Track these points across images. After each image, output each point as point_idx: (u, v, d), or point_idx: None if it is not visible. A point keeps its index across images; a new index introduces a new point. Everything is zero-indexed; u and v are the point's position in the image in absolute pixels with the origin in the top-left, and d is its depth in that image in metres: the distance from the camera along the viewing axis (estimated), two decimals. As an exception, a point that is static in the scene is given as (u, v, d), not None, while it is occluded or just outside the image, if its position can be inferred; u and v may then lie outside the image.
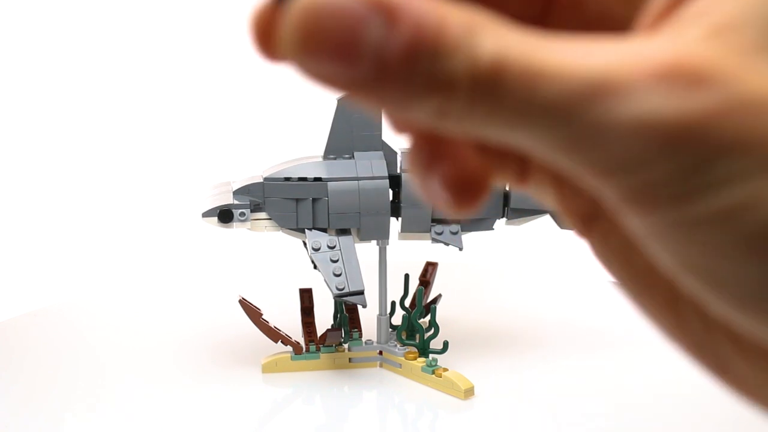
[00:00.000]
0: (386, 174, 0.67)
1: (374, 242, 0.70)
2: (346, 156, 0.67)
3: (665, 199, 0.13)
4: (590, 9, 0.18)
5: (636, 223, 0.14)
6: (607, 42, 0.14)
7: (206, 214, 0.67)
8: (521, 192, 0.26)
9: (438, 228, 0.68)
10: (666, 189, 0.13)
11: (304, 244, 0.68)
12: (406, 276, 0.77)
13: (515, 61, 0.13)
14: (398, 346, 0.71)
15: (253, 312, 0.71)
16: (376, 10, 0.13)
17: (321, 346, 0.71)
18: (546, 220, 0.69)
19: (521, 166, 0.18)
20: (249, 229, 0.67)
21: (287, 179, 0.66)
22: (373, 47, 0.13)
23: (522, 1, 0.18)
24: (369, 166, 0.66)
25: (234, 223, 0.66)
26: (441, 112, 0.14)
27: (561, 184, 0.18)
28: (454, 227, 0.68)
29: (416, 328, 0.71)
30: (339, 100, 0.65)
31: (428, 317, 0.73)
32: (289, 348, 0.71)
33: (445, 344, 0.70)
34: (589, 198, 0.17)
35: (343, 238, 0.66)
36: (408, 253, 0.78)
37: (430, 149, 0.17)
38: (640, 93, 0.13)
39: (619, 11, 0.17)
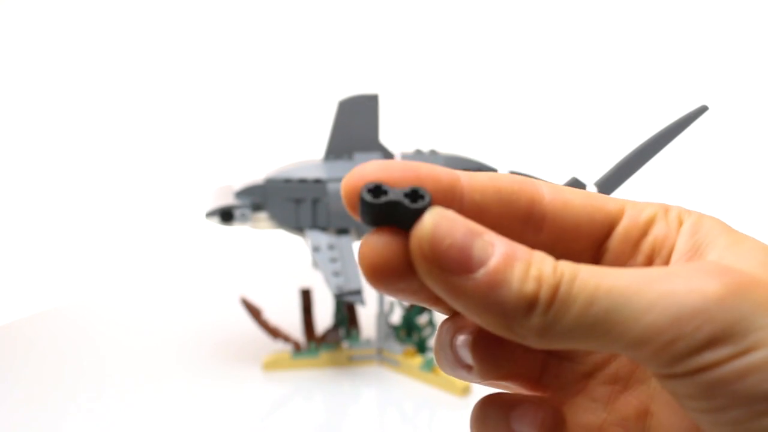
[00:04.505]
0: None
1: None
2: (346, 157, 0.68)
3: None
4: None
5: (672, 386, 0.19)
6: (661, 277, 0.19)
7: (209, 214, 0.68)
8: None
9: None
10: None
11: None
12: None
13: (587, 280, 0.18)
14: (397, 344, 0.72)
15: (254, 311, 0.72)
16: (478, 235, 0.19)
17: (321, 344, 0.72)
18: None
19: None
20: (251, 226, 0.68)
21: (288, 180, 0.67)
22: (481, 260, 0.18)
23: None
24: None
25: (236, 222, 0.68)
26: (535, 313, 0.18)
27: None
28: None
29: (414, 326, 0.72)
30: (340, 103, 0.67)
31: (426, 316, 0.74)
32: (290, 346, 0.72)
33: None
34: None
35: (343, 238, 0.67)
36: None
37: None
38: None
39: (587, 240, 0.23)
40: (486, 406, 0.24)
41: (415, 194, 0.20)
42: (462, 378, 0.23)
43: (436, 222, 0.19)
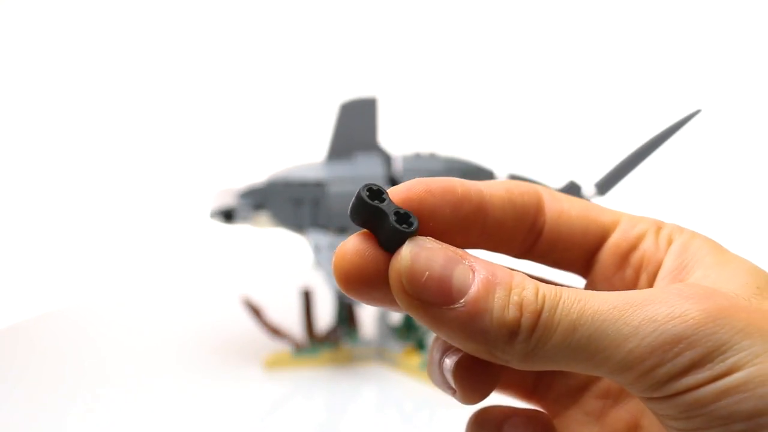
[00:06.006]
0: (384, 175, 0.68)
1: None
2: (347, 158, 0.69)
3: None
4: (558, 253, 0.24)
5: (655, 407, 0.19)
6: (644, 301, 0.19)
7: (211, 215, 0.68)
8: None
9: None
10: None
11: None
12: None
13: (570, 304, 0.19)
14: (396, 343, 0.72)
15: (254, 310, 0.73)
16: (459, 262, 0.18)
17: (321, 343, 0.73)
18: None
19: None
20: (252, 225, 0.69)
21: (289, 182, 0.68)
22: (461, 290, 0.18)
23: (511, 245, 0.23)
24: (368, 167, 0.68)
25: (237, 221, 0.68)
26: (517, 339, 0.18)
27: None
28: None
29: (414, 325, 0.73)
30: (342, 104, 0.67)
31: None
32: (290, 345, 0.73)
33: (442, 342, 0.72)
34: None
35: (344, 238, 0.68)
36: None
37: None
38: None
39: (579, 259, 0.24)
40: (479, 419, 0.24)
41: (405, 216, 0.19)
42: (451, 396, 0.23)
43: (415, 254, 0.18)
